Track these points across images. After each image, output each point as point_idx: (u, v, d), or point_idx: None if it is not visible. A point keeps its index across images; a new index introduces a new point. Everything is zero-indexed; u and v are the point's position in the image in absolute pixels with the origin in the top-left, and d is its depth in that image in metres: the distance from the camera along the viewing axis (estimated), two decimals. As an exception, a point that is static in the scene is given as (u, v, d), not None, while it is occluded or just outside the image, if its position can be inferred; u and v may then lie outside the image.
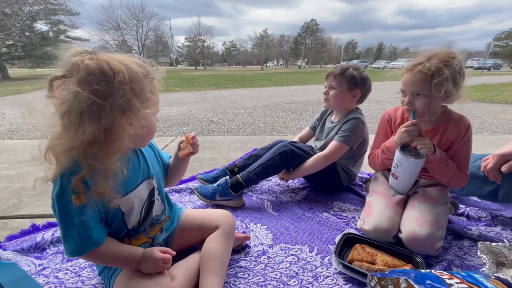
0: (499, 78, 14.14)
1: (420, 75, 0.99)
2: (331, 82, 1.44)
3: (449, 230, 1.13)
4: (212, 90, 9.00)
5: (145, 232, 0.83)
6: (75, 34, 25.07)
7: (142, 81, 0.65)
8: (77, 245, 0.67)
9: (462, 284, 0.65)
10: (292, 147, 1.40)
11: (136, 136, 0.69)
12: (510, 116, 4.24)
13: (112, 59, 0.62)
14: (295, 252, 1.03)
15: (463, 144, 1.06)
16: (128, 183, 0.75)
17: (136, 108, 0.63)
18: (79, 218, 0.65)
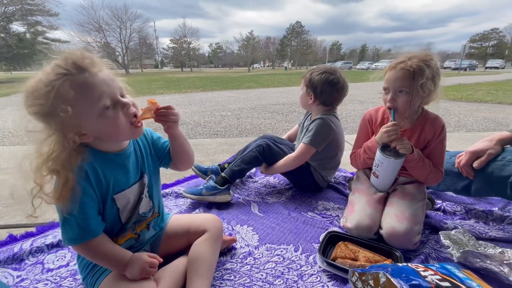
0: (474, 78, 14.87)
1: (403, 72, 1.04)
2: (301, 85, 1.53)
3: (427, 225, 1.19)
4: (199, 92, 8.93)
5: (131, 228, 0.83)
6: (54, 36, 24.22)
7: (46, 94, 0.59)
8: (74, 233, 0.68)
9: (435, 275, 0.69)
10: (269, 142, 1.47)
11: (98, 139, 0.69)
12: (484, 114, 4.47)
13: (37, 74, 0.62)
14: (280, 252, 1.05)
15: (439, 143, 1.12)
16: (126, 180, 0.77)
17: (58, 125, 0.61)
18: (78, 207, 0.66)
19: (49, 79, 0.59)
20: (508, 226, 1.20)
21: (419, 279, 0.66)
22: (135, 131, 0.73)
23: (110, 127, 0.67)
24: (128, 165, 0.78)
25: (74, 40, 29.93)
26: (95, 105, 0.63)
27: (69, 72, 0.60)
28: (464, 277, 0.71)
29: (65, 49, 11.03)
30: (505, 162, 1.06)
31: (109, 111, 0.65)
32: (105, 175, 0.72)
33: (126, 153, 0.78)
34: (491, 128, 3.51)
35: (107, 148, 0.74)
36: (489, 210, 1.29)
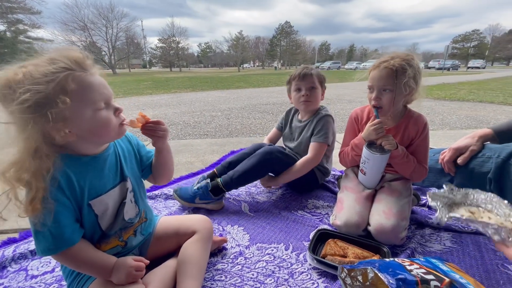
0: (457, 77, 15.38)
1: (387, 71, 1.07)
2: (310, 83, 1.44)
3: (413, 220, 1.22)
4: (188, 92, 8.84)
5: (116, 235, 0.81)
6: (36, 35, 23.44)
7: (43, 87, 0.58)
8: (48, 243, 0.65)
9: (420, 269, 0.71)
10: (277, 154, 1.39)
11: (79, 139, 0.66)
12: (466, 113, 4.64)
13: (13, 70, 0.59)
14: (271, 251, 1.05)
15: (422, 140, 1.15)
16: (103, 185, 0.74)
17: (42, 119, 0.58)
18: (50, 216, 0.63)
19: (48, 70, 0.59)
20: (489, 220, 1.25)
21: (405, 273, 0.68)
22: (121, 131, 0.73)
23: (101, 126, 0.67)
24: (104, 168, 0.75)
25: (58, 39, 28.99)
26: (92, 103, 0.64)
27: (70, 68, 0.61)
28: (447, 270, 0.73)
29: (49, 48, 10.43)
30: (485, 158, 1.10)
31: (103, 112, 0.67)
32: (79, 181, 0.69)
33: (103, 156, 0.75)
34: (472, 125, 3.65)
35: (84, 151, 0.71)
36: (471, 205, 1.34)
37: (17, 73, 0.59)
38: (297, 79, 1.47)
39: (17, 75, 0.58)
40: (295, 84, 1.49)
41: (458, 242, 1.11)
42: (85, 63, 0.65)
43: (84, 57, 0.65)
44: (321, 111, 1.49)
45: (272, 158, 1.37)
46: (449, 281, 0.67)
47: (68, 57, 0.62)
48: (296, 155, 1.51)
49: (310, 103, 1.47)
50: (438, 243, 1.10)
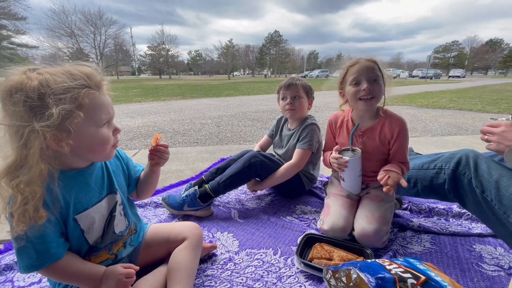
0: (439, 86, 16.07)
1: (371, 63, 1.13)
2: (295, 93, 1.51)
3: (395, 223, 1.28)
4: (178, 100, 8.83)
5: (107, 248, 0.81)
6: (21, 41, 22.90)
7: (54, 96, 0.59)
8: (31, 260, 0.64)
9: (399, 268, 0.76)
10: (262, 158, 1.44)
11: (72, 153, 0.66)
12: (447, 120, 4.85)
13: (25, 74, 0.60)
14: (260, 256, 1.08)
15: (402, 139, 1.17)
16: (89, 199, 0.74)
17: (48, 128, 0.58)
18: (36, 231, 0.62)
19: (69, 86, 0.61)
20: (465, 222, 1.33)
21: (385, 272, 0.72)
22: (111, 153, 0.75)
23: (99, 144, 0.69)
24: (90, 182, 0.75)
25: (43, 45, 28.47)
26: (98, 121, 0.67)
27: (88, 85, 0.65)
28: (424, 269, 0.78)
29: (34, 54, 10.20)
30: (437, 170, 1.13)
31: (105, 130, 0.69)
32: (64, 196, 0.68)
33: (89, 170, 0.75)
34: (452, 132, 3.82)
35: (72, 165, 0.71)
36: (449, 208, 1.41)
37: (32, 79, 0.59)
38: (283, 89, 1.55)
39: (32, 80, 0.59)
40: (281, 93, 1.57)
41: (437, 243, 1.17)
42: (100, 82, 0.68)
43: (99, 75, 0.69)
44: (308, 119, 1.56)
45: (256, 162, 1.42)
46: (424, 279, 0.72)
47: (86, 74, 0.65)
48: (283, 161, 1.55)
49: (294, 111, 1.53)
50: (419, 244, 1.16)
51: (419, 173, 1.21)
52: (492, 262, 1.05)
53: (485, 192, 0.95)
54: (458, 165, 1.06)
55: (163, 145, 0.86)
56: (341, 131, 1.31)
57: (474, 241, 1.18)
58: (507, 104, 7.07)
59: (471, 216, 1.35)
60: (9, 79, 0.59)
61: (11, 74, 0.60)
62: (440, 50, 66.24)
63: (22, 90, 0.58)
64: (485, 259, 1.06)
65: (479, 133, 1.04)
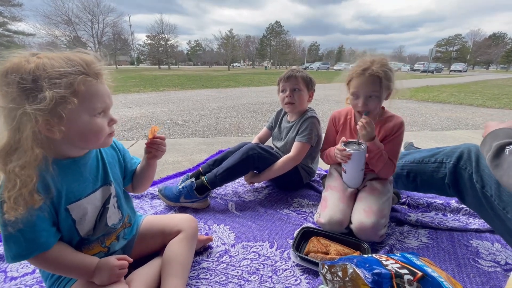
0: (440, 80, 15.95)
1: (373, 78, 1.11)
2: (294, 85, 1.48)
3: (392, 218, 1.27)
4: (177, 90, 8.74)
5: (99, 241, 0.79)
6: (17, 28, 22.46)
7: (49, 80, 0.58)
8: (20, 248, 0.63)
9: (396, 264, 0.75)
10: (259, 151, 1.42)
11: (64, 140, 0.64)
12: (447, 114, 4.82)
13: (25, 57, 0.60)
14: (256, 249, 1.07)
15: (396, 137, 1.19)
16: (82, 189, 0.72)
17: (40, 112, 0.57)
18: (27, 219, 0.61)
19: (66, 71, 0.60)
20: (463, 217, 1.32)
21: (381, 268, 0.71)
22: (107, 142, 0.73)
23: (92, 133, 0.67)
24: (84, 172, 0.73)
25: (40, 32, 27.92)
26: (92, 109, 0.65)
27: (86, 72, 0.63)
28: (421, 264, 0.77)
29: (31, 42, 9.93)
30: (438, 164, 1.13)
31: (99, 119, 0.67)
32: (56, 185, 0.67)
33: (83, 159, 0.73)
34: (452, 127, 3.80)
35: (66, 153, 0.69)
36: (447, 203, 1.41)
37: (29, 61, 0.58)
38: (283, 80, 1.52)
39: (29, 63, 0.58)
40: (281, 85, 1.54)
41: (434, 238, 1.16)
42: (99, 70, 0.67)
43: (99, 64, 0.67)
44: (308, 112, 1.53)
45: (254, 154, 1.40)
46: (421, 275, 0.71)
47: (86, 62, 0.64)
48: (282, 154, 1.53)
49: (293, 105, 1.50)
50: (416, 239, 1.16)
51: (419, 167, 1.20)
52: (488, 257, 1.04)
53: (485, 187, 0.93)
54: (459, 159, 1.04)
55: (160, 137, 0.84)
56: (344, 127, 1.31)
57: (471, 237, 1.17)
58: (508, 99, 7.03)
59: (469, 211, 1.34)
60: (7, 61, 0.59)
61: (12, 57, 0.59)
62: (443, 44, 65.54)
63: (18, 71, 0.57)
64: (481, 254, 1.06)
65: (479, 128, 1.03)
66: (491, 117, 4.57)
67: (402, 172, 1.28)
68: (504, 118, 4.54)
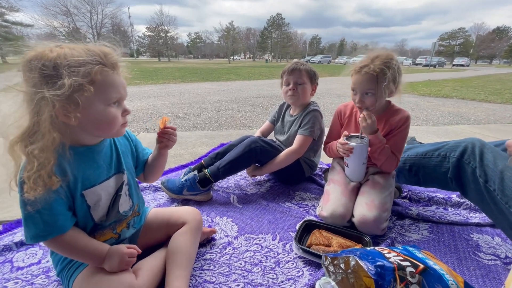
0: (442, 74, 15.83)
1: (368, 76, 1.10)
2: (298, 78, 1.47)
3: (394, 212, 1.28)
4: (177, 83, 8.68)
5: (111, 227, 0.82)
6: (15, 18, 22.15)
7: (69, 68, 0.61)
8: (38, 230, 0.66)
9: (398, 256, 0.76)
10: (262, 144, 1.43)
11: (80, 128, 0.67)
12: (449, 109, 4.80)
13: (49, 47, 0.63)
14: (258, 241, 1.08)
15: (400, 132, 1.19)
16: (97, 176, 0.75)
17: (57, 97, 0.60)
18: (45, 202, 0.64)
19: (84, 61, 0.63)
20: (464, 211, 1.33)
21: (384, 260, 0.72)
22: (120, 131, 0.75)
23: (106, 122, 0.69)
24: (99, 160, 0.76)
25: (38, 23, 27.54)
26: (107, 99, 0.68)
27: (103, 63, 0.66)
28: (423, 257, 0.78)
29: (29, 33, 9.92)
30: (441, 158, 1.13)
31: (113, 109, 0.70)
32: (72, 171, 0.69)
33: (98, 147, 0.76)
34: (454, 122, 3.79)
35: (82, 141, 0.72)
36: (448, 197, 1.41)
37: (52, 51, 0.62)
38: (286, 73, 1.50)
39: (52, 52, 0.61)
40: (284, 78, 1.52)
41: (434, 232, 1.17)
42: (116, 62, 0.69)
43: (117, 56, 0.70)
44: (311, 106, 1.52)
45: (256, 147, 1.40)
46: (423, 267, 0.72)
47: (104, 53, 0.67)
48: (284, 148, 1.53)
49: (296, 97, 1.49)
50: (417, 233, 1.17)
51: (422, 161, 1.20)
52: (489, 251, 1.05)
53: (488, 182, 0.94)
54: (463, 154, 1.04)
55: (171, 127, 0.87)
56: (349, 121, 1.31)
57: (472, 231, 1.18)
58: (511, 94, 6.99)
59: (470, 206, 1.35)
60: (33, 49, 0.62)
61: (37, 47, 0.63)
62: (446, 37, 64.69)
63: (41, 59, 0.60)
64: (482, 248, 1.07)
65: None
66: (493, 112, 4.55)
67: (405, 166, 1.28)
68: (506, 113, 4.53)
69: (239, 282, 0.88)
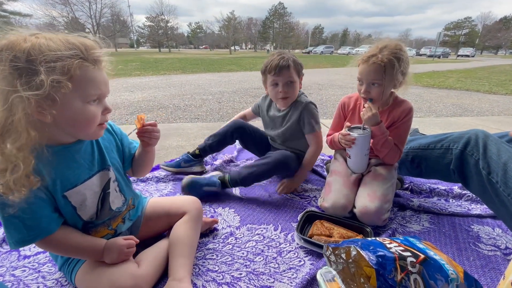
0: (447, 65, 15.58)
1: (375, 66, 1.08)
2: (287, 78, 1.34)
3: (395, 203, 1.28)
4: (178, 74, 8.62)
5: (105, 224, 0.81)
6: (13, 8, 21.85)
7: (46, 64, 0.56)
8: (22, 234, 0.64)
9: (399, 247, 0.77)
10: (292, 157, 1.38)
11: (55, 126, 0.62)
12: (453, 101, 4.75)
13: (23, 35, 0.57)
14: (260, 232, 1.10)
15: (403, 123, 1.18)
16: (77, 176, 0.71)
17: (35, 96, 0.55)
18: (25, 207, 0.61)
19: (63, 54, 0.58)
20: (465, 203, 1.34)
21: (385, 250, 0.73)
22: (97, 133, 0.71)
23: (84, 120, 0.65)
24: (78, 158, 0.72)
25: (37, 13, 27.23)
26: (86, 96, 0.63)
27: (84, 57, 0.61)
28: (423, 248, 0.79)
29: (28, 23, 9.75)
30: (444, 150, 1.12)
31: (93, 106, 0.65)
32: (49, 172, 0.65)
33: (77, 145, 0.72)
34: (458, 113, 3.75)
35: (58, 139, 0.67)
36: (450, 189, 1.41)
37: (26, 40, 0.56)
38: (273, 74, 1.33)
39: (26, 42, 0.56)
40: (271, 79, 1.36)
41: (435, 223, 1.18)
42: (98, 57, 0.64)
43: (99, 50, 0.65)
44: (301, 97, 1.44)
45: (288, 162, 1.36)
46: (423, 257, 0.72)
47: (85, 46, 0.62)
48: (278, 142, 1.54)
49: (288, 99, 1.39)
50: (417, 224, 1.17)
51: (425, 152, 1.20)
52: (489, 242, 1.06)
53: (491, 174, 0.93)
54: (466, 145, 1.04)
55: (150, 124, 0.80)
56: (353, 113, 1.30)
57: (473, 222, 1.19)
58: (516, 85, 6.89)
59: (472, 197, 1.35)
60: (5, 38, 0.56)
61: (10, 35, 0.57)
62: (451, 27, 63.36)
63: (12, 49, 0.55)
64: (482, 239, 1.08)
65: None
66: (497, 104, 4.50)
67: (407, 157, 1.28)
68: (510, 105, 4.47)
69: (241, 271, 0.90)
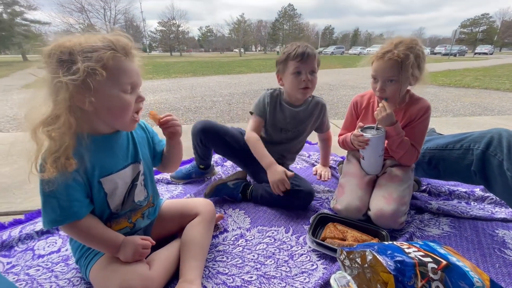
0: (463, 63, 15.04)
1: (391, 62, 1.04)
2: (312, 67, 1.24)
3: (412, 205, 1.23)
4: (189, 77, 8.73)
5: (126, 216, 0.83)
6: (34, 17, 22.80)
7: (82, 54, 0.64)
8: (55, 215, 0.68)
9: (419, 252, 0.72)
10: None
11: (95, 114, 0.69)
12: (471, 100, 4.57)
13: (68, 38, 0.67)
14: (271, 234, 1.07)
15: (420, 122, 1.13)
16: (113, 164, 0.77)
17: (72, 81, 0.62)
18: (62, 188, 0.67)
19: (97, 46, 0.65)
20: (488, 206, 1.26)
21: (403, 255, 0.69)
22: (131, 124, 0.76)
23: (120, 107, 0.70)
24: (116, 149, 0.78)
25: (55, 21, 28.32)
26: (120, 84, 0.69)
27: (115, 49, 0.68)
28: (445, 253, 0.74)
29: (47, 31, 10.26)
30: (464, 150, 1.07)
31: (127, 95, 0.71)
32: (90, 159, 0.71)
33: (114, 136, 0.77)
34: (477, 113, 3.60)
35: (100, 130, 0.74)
36: (471, 191, 1.34)
37: (70, 40, 0.65)
38: (298, 60, 1.21)
39: (70, 41, 0.65)
40: (294, 66, 1.22)
41: (456, 227, 1.12)
42: (129, 50, 0.71)
43: (131, 44, 0.72)
44: (316, 97, 1.41)
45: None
46: (446, 264, 0.68)
47: (118, 40, 0.69)
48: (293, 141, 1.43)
49: (310, 90, 1.27)
50: (437, 227, 1.12)
51: (443, 153, 1.14)
52: (516, 248, 1.00)
53: (517, 175, 0.87)
54: (489, 145, 0.98)
55: (165, 115, 0.86)
56: (366, 112, 1.25)
57: (497, 226, 1.12)
58: (539, 83, 6.56)
59: (495, 200, 1.28)
60: (56, 40, 0.66)
61: (60, 37, 0.67)
62: (468, 24, 61.16)
63: (59, 47, 0.64)
64: (508, 244, 1.01)
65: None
66: (520, 102, 4.28)
67: (424, 158, 1.22)
68: (534, 103, 4.25)
69: (252, 274, 0.88)
